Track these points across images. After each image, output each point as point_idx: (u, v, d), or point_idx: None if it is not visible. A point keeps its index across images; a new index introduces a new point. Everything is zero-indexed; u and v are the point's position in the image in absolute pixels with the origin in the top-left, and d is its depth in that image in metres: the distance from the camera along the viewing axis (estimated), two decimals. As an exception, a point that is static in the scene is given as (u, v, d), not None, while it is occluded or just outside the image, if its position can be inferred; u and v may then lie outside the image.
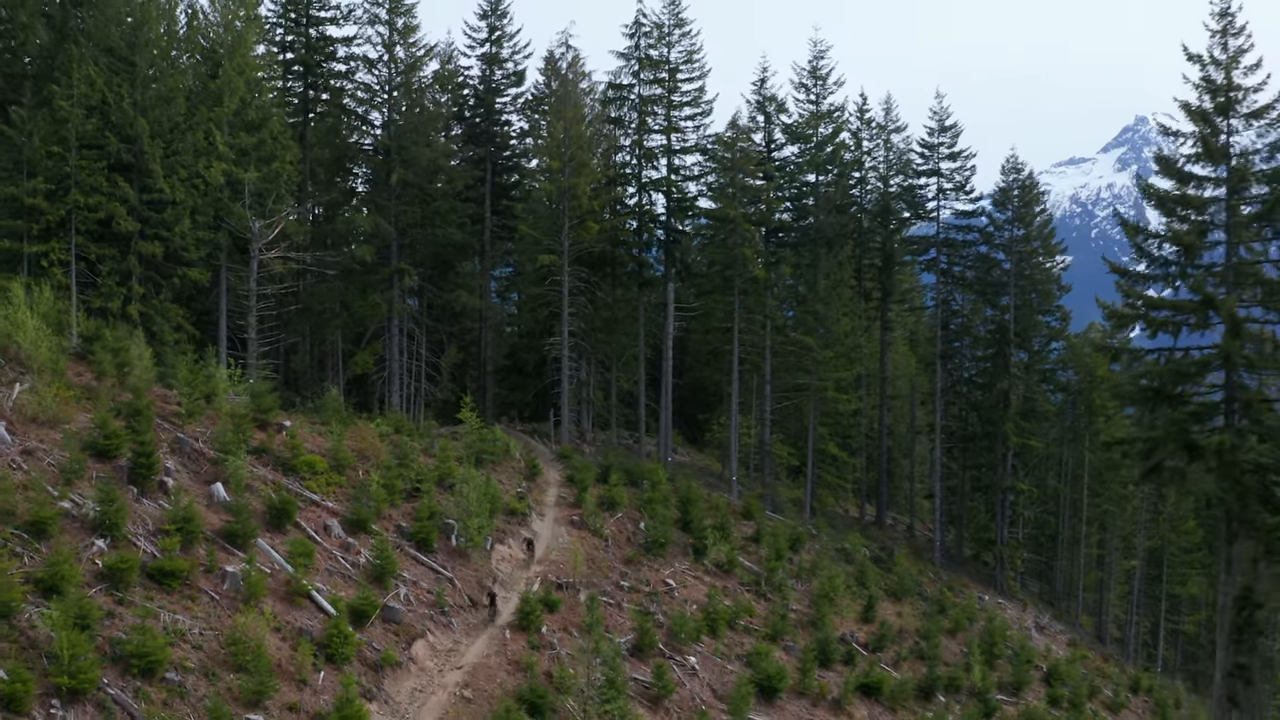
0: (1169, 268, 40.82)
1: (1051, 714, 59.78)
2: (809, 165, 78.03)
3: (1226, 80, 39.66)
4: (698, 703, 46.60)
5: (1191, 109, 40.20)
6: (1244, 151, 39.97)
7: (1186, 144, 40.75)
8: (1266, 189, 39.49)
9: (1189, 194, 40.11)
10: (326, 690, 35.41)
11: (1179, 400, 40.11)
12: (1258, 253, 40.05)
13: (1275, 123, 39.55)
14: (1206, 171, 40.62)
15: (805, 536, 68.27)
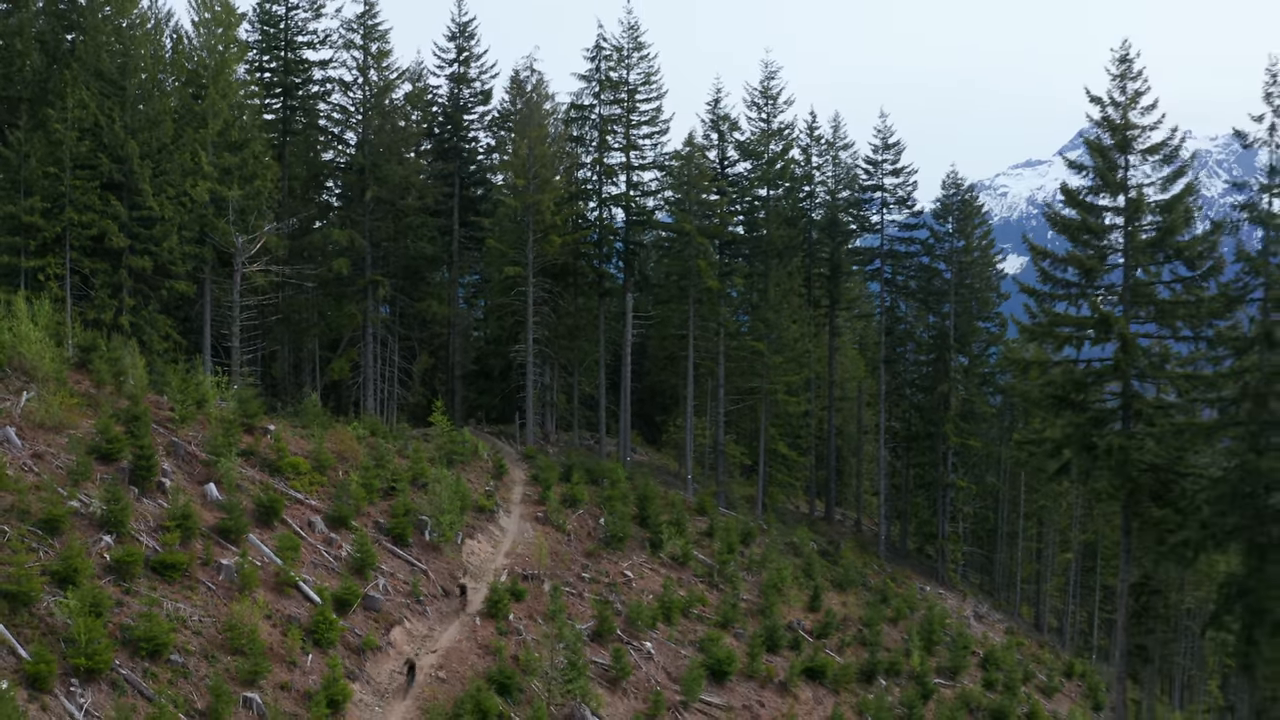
0: (1071, 289, 44.00)
1: (987, 697, 61.29)
2: (761, 180, 78.90)
3: (1124, 120, 42.83)
4: (653, 684, 48.26)
5: (1094, 145, 43.45)
6: (1140, 184, 43.11)
7: (1090, 176, 44.00)
8: (1160, 218, 42.70)
9: (1090, 222, 43.26)
10: (314, 671, 37.77)
11: (1081, 406, 43.31)
12: (1153, 274, 43.30)
13: (1168, 158, 42.77)
14: (1107, 202, 43.76)
15: (756, 531, 69.92)
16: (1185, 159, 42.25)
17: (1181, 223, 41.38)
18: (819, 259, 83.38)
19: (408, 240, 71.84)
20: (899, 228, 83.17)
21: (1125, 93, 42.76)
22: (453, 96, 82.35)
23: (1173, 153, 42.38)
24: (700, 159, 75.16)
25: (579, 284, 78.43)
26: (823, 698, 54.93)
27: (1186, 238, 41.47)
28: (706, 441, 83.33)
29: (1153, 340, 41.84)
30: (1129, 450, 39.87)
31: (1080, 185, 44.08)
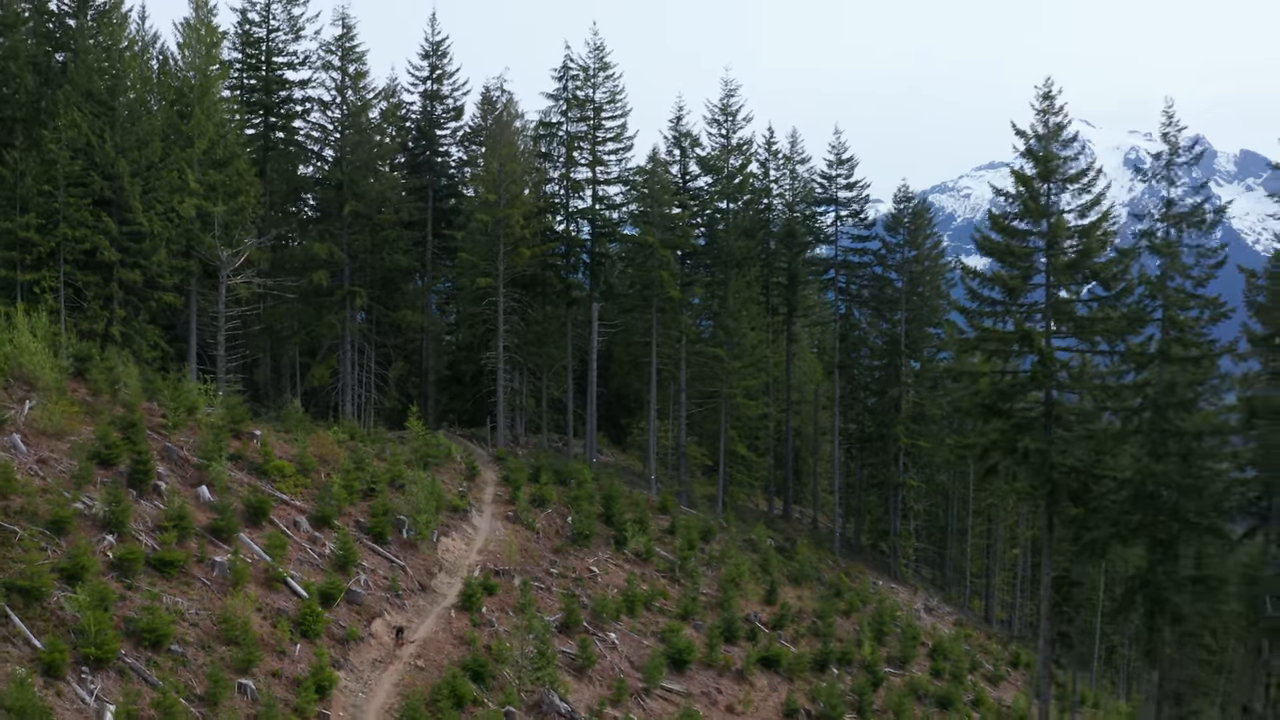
0: (997, 306, 46.91)
1: (934, 684, 62.75)
2: (721, 194, 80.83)
3: (1046, 151, 45.75)
4: (617, 672, 49.85)
5: (1018, 175, 46.35)
6: (1061, 210, 46.03)
7: (1015, 204, 46.94)
8: (1078, 242, 45.60)
9: (1014, 246, 46.15)
10: (302, 660, 39.35)
11: (1006, 414, 46.17)
12: (1073, 293, 46.20)
13: (1086, 187, 45.70)
14: (1030, 227, 46.67)
15: (716, 529, 71.56)
16: (1101, 188, 45.25)
17: (1097, 246, 44.26)
18: (777, 268, 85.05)
19: (384, 252, 73.04)
20: (852, 239, 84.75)
21: (1047, 126, 45.70)
22: (426, 112, 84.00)
23: (1090, 182, 45.42)
24: (663, 174, 77.04)
25: (547, 293, 79.84)
26: (777, 685, 56.17)
27: (1102, 260, 44.49)
28: (669, 443, 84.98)
29: (1073, 353, 44.80)
30: (1049, 454, 42.72)
31: (1006, 211, 47.10)
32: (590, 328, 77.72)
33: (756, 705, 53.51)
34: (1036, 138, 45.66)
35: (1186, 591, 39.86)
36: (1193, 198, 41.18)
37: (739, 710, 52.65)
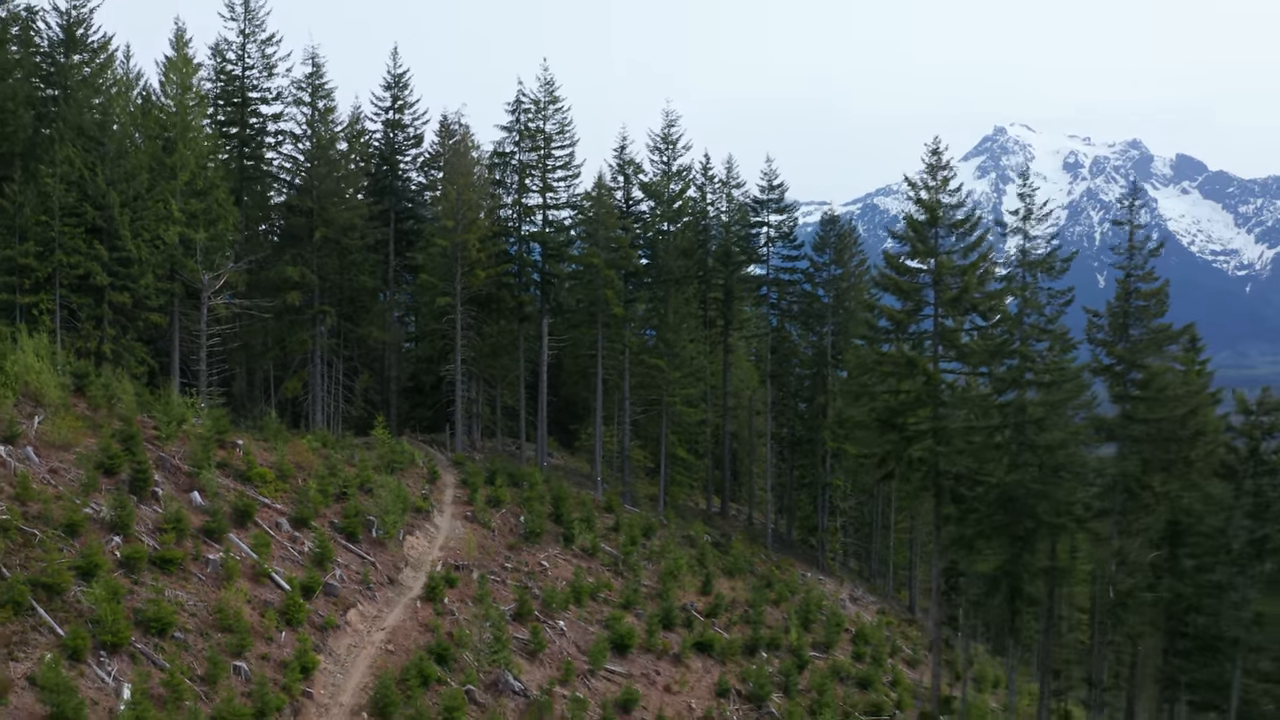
0: (891, 334, 51.84)
1: (856, 667, 64.98)
2: (662, 217, 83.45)
3: (934, 200, 50.73)
4: (565, 655, 52.34)
5: (910, 220, 51.31)
6: (947, 251, 50.96)
7: (907, 245, 51.96)
8: (960, 279, 50.60)
9: (904, 283, 51.08)
10: (287, 645, 42.53)
11: (899, 428, 51.08)
12: (958, 323, 51.12)
13: (968, 231, 50.72)
14: (920, 265, 51.61)
15: (657, 526, 73.73)
16: (981, 232, 50.21)
17: (975, 283, 49.07)
18: (714, 285, 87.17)
19: (351, 274, 75.58)
20: (783, 258, 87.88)
21: (935, 178, 50.60)
22: (388, 140, 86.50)
23: (970, 227, 50.29)
24: (608, 199, 79.32)
25: (501, 310, 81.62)
26: (711, 667, 58.37)
27: (981, 294, 49.46)
28: (614, 447, 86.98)
29: (957, 375, 49.79)
30: (936, 462, 47.64)
31: (899, 251, 52.11)
32: (541, 341, 79.60)
33: (691, 685, 55.81)
34: (926, 188, 50.74)
35: (1039, 580, 44.99)
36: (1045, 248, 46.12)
37: (675, 690, 54.77)
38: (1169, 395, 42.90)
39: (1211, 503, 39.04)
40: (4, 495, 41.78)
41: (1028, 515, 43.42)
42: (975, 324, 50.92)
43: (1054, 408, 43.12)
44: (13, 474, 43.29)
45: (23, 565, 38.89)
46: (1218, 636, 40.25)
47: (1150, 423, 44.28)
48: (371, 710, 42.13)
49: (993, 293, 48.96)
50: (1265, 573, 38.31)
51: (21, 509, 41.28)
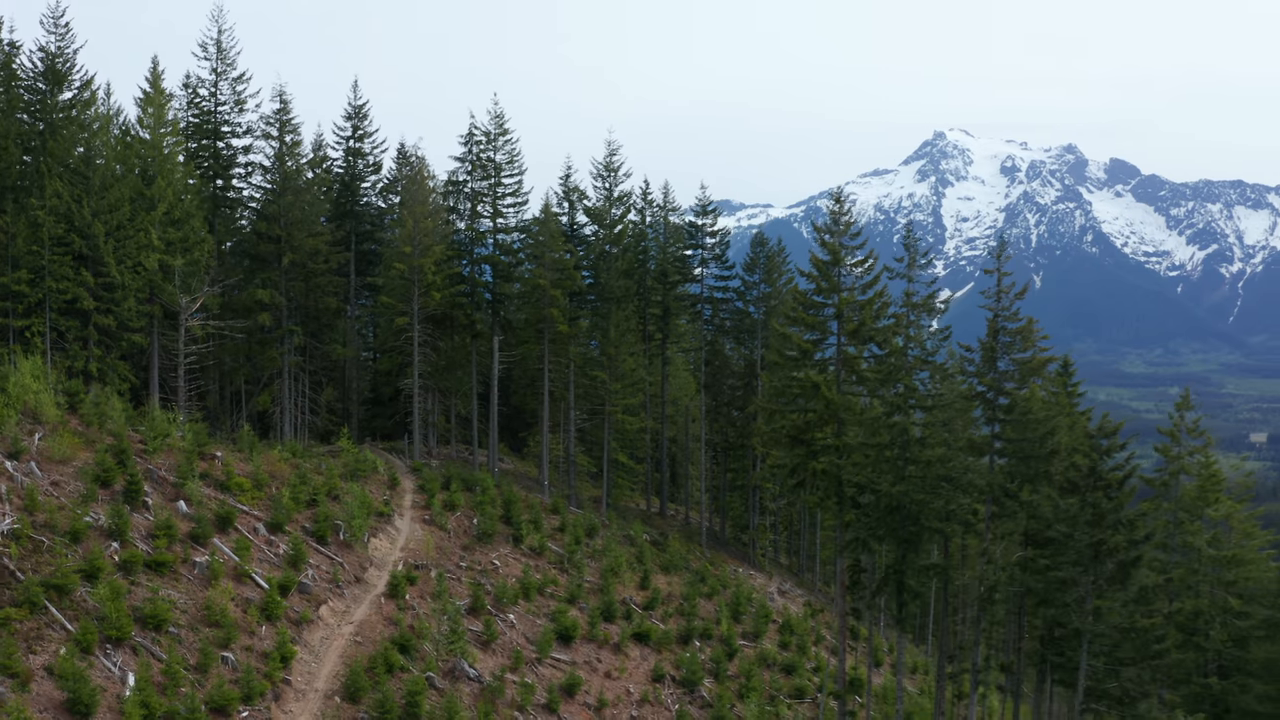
0: (800, 361, 56.77)
1: (781, 654, 68.45)
2: (605, 240, 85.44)
3: (837, 244, 55.78)
4: (515, 645, 55.66)
5: (816, 261, 56.35)
6: (850, 287, 55.95)
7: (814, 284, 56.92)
8: (859, 313, 55.67)
9: (809, 317, 56.08)
10: (268, 638, 46.40)
11: (807, 443, 56.08)
12: (859, 351, 56.12)
13: (867, 271, 55.91)
14: (825, 300, 56.59)
15: (599, 526, 76.45)
16: (877, 271, 55.29)
17: (871, 317, 54.26)
18: (653, 302, 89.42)
19: (316, 296, 78.35)
20: (716, 278, 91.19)
21: (839, 225, 55.74)
22: (349, 167, 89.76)
23: (870, 267, 55.41)
24: (554, 224, 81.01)
25: (455, 328, 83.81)
26: (648, 656, 61.67)
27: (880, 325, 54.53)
28: (561, 452, 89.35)
29: (858, 398, 54.81)
30: (838, 474, 52.69)
31: (809, 288, 57.10)
32: (492, 356, 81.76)
33: (630, 672, 59.08)
34: (830, 232, 55.74)
35: (923, 577, 50.19)
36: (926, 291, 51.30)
37: (615, 676, 58.37)
38: (1031, 419, 48.06)
39: (1060, 512, 44.26)
40: (14, 506, 45.59)
41: (912, 521, 48.50)
42: (873, 352, 55.99)
43: (933, 428, 48.17)
44: (20, 487, 47.10)
45: (34, 569, 42.79)
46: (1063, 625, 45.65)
47: (1014, 442, 49.47)
48: (343, 695, 46.06)
49: (887, 326, 54.01)
50: (1104, 573, 43.60)
51: (30, 519, 45.09)
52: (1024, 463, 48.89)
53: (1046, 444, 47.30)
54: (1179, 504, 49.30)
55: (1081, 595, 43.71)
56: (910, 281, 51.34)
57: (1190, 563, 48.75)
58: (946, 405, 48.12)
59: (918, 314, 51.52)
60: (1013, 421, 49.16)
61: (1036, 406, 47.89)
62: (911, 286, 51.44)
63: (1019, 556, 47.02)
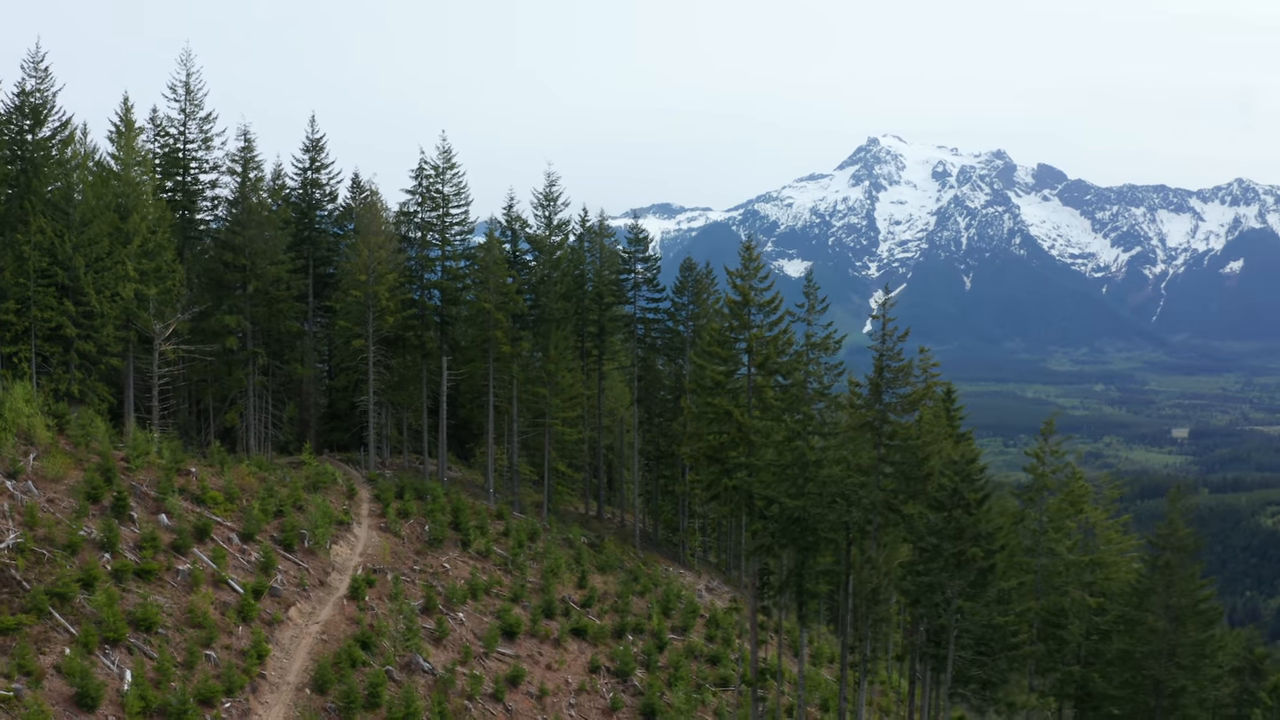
0: (714, 390, 62.17)
1: (708, 646, 71.47)
2: (545, 265, 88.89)
3: (747, 286, 61.34)
4: (465, 641, 58.79)
5: (729, 300, 61.89)
6: (760, 325, 61.40)
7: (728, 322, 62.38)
8: (766, 346, 61.14)
9: (722, 351, 61.62)
10: (244, 637, 49.97)
11: (721, 461, 61.56)
12: (766, 381, 61.49)
13: (772, 310, 61.56)
14: (737, 336, 62.06)
15: (540, 530, 79.35)
16: (782, 311, 60.95)
17: (776, 351, 59.75)
18: (590, 321, 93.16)
19: (278, 320, 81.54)
20: (647, 300, 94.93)
21: (749, 269, 61.18)
22: (306, 196, 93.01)
23: (775, 306, 61.02)
24: (498, 251, 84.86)
25: (407, 348, 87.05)
26: (585, 649, 64.93)
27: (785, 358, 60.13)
28: (505, 462, 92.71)
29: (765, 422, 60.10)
30: (748, 489, 58.18)
31: (724, 327, 62.57)
32: (442, 374, 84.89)
33: (569, 664, 62.36)
34: (741, 277, 61.27)
35: (819, 580, 55.86)
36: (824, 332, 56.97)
37: (555, 668, 61.34)
38: (910, 445, 53.73)
39: (930, 526, 49.97)
40: (16, 522, 49.25)
41: (810, 531, 54.04)
42: (779, 382, 61.46)
43: (828, 451, 53.72)
44: (21, 505, 50.70)
45: (38, 579, 46.53)
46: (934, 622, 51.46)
47: (896, 464, 55.07)
48: (312, 687, 49.85)
49: (791, 359, 59.60)
50: (967, 578, 49.38)
51: (32, 533, 48.71)
52: (905, 482, 54.52)
53: (923, 467, 52.99)
54: (1045, 515, 55.09)
55: (948, 597, 49.60)
56: (809, 325, 56.92)
57: (1055, 565, 54.63)
58: (839, 432, 53.81)
59: (816, 352, 57.08)
60: (895, 447, 54.78)
61: (914, 434, 53.61)
62: (811, 329, 57.02)
63: (900, 563, 52.77)
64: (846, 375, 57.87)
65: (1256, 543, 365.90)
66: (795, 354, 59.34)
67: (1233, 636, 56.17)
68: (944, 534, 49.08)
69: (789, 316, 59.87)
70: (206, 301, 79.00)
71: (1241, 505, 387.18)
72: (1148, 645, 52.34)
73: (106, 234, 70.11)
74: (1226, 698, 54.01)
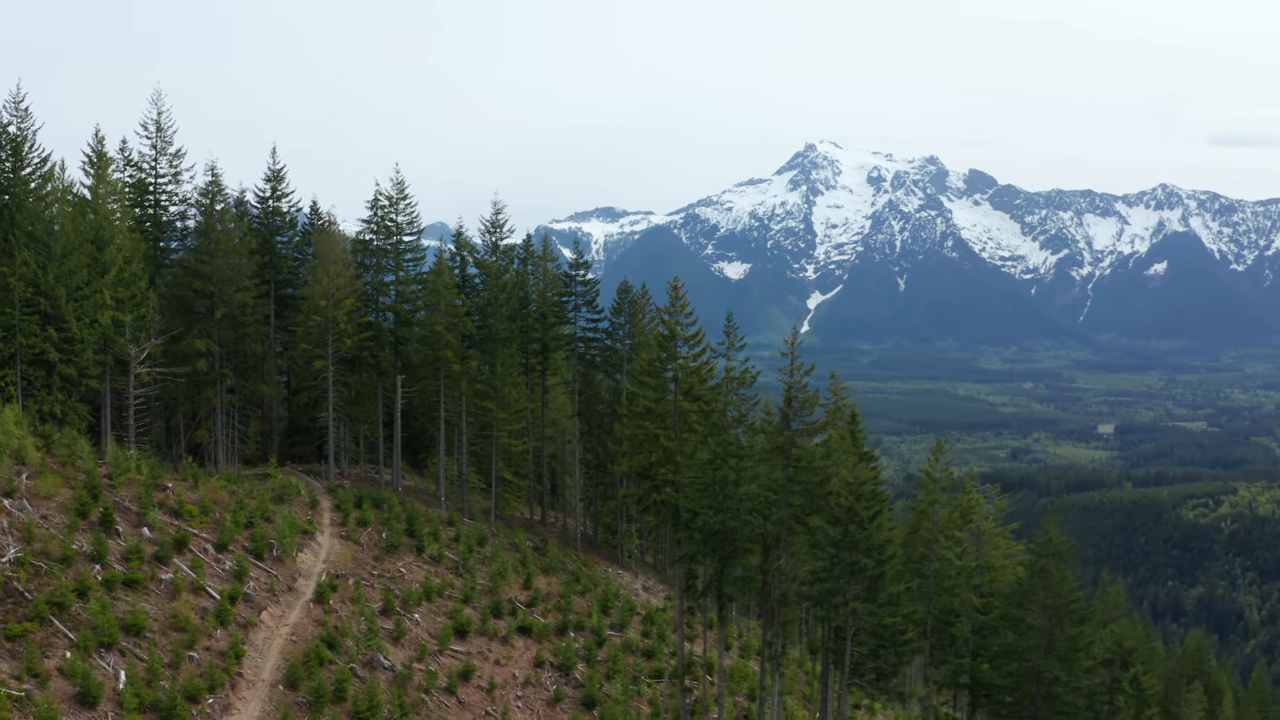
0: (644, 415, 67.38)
1: (644, 642, 74.28)
2: (492, 289, 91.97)
3: (674, 321, 66.69)
4: (421, 640, 61.75)
5: (659, 334, 67.21)
6: (685, 355, 66.80)
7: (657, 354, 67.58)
8: (691, 376, 66.71)
9: (652, 380, 66.94)
10: (223, 639, 53.71)
11: (651, 478, 66.81)
12: (691, 407, 66.75)
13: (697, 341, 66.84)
14: (665, 366, 67.36)
15: (488, 536, 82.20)
16: (705, 344, 66.17)
17: (699, 381, 65.15)
18: (534, 340, 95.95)
19: (245, 343, 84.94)
20: (587, 320, 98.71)
21: (676, 306, 66.56)
22: (267, 223, 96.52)
23: (698, 339, 66.30)
24: (447, 276, 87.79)
25: (363, 367, 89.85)
26: (530, 646, 67.64)
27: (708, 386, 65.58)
28: (455, 471, 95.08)
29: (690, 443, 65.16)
30: (675, 503, 63.41)
31: (653, 358, 67.80)
32: (396, 391, 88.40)
33: (515, 659, 65.21)
34: (669, 313, 66.60)
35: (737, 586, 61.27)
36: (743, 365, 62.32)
37: (503, 663, 64.08)
38: (814, 466, 59.08)
39: (829, 539, 55.49)
40: (16, 538, 53.12)
41: (729, 542, 59.40)
42: (703, 409, 66.72)
43: (744, 471, 59.00)
44: (19, 522, 54.54)
45: (38, 589, 50.37)
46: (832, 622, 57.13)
47: (802, 484, 60.39)
48: (285, 684, 53.71)
49: (713, 388, 64.97)
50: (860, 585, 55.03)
51: (30, 547, 52.50)
52: (810, 499, 59.77)
53: (824, 486, 58.43)
54: (936, 525, 60.71)
55: (845, 600, 55.21)
56: (729, 360, 62.31)
57: (945, 570, 60.29)
58: (755, 454, 59.23)
59: (735, 384, 62.45)
60: (801, 468, 60.09)
61: (821, 455, 59.05)
62: (731, 364, 62.41)
63: (806, 570, 58.21)
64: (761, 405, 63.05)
65: (1178, 535, 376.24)
66: (715, 385, 64.56)
67: (1105, 631, 61.99)
68: (841, 546, 54.60)
69: (710, 351, 65.13)
70: (178, 326, 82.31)
71: (1164, 499, 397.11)
72: (1028, 640, 58.10)
73: (85, 265, 73.38)
74: (1099, 686, 59.82)
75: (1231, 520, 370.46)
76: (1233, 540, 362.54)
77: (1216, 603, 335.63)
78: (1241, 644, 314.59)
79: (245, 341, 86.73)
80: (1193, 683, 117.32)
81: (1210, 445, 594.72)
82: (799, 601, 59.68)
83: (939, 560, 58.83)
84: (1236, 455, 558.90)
